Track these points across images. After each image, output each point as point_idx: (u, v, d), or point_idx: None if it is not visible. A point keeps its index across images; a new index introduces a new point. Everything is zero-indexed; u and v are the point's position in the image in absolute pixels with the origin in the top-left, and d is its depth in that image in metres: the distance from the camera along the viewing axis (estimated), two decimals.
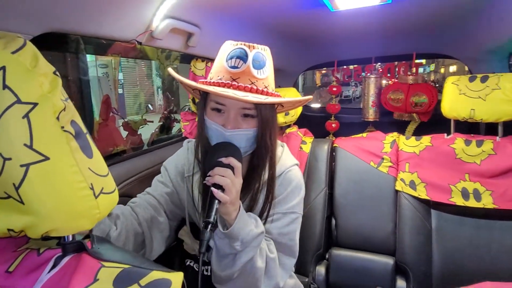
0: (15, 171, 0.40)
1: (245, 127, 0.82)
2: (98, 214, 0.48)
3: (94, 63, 5.44)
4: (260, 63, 0.81)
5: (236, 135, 0.81)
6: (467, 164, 1.33)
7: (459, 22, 1.52)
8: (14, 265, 0.49)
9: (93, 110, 2.62)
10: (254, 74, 0.80)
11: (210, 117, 0.83)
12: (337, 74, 2.33)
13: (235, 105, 0.80)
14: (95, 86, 4.21)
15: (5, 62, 0.40)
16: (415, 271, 1.31)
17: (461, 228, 1.31)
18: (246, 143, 0.83)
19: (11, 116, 0.39)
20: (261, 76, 0.81)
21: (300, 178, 0.95)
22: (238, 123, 0.81)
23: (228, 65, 0.80)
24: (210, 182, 0.74)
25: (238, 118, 0.81)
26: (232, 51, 0.81)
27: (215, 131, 0.82)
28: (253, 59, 0.80)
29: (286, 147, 1.02)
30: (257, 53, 0.81)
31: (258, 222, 0.83)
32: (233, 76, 0.80)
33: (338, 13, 1.32)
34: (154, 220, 0.90)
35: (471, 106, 1.32)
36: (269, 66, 0.84)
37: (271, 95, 0.83)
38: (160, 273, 0.46)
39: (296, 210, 0.92)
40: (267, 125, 0.84)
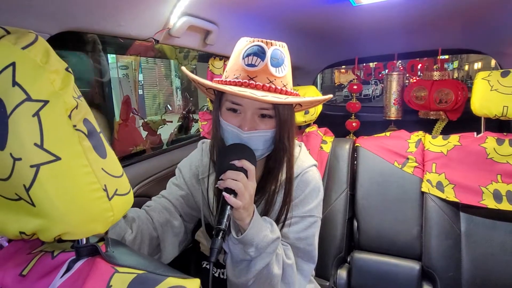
0: (25, 172, 0.38)
1: (263, 128, 0.78)
2: (112, 217, 0.46)
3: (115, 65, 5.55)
4: (278, 60, 0.77)
5: (253, 137, 0.77)
6: (499, 164, 1.25)
7: (487, 14, 1.43)
8: (27, 269, 0.48)
9: (114, 111, 2.67)
10: (273, 72, 0.76)
11: (225, 117, 0.80)
12: (357, 71, 2.27)
13: (252, 105, 0.76)
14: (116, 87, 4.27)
15: (15, 58, 0.38)
16: (443, 277, 1.24)
17: (493, 232, 1.23)
18: (263, 144, 0.80)
19: (21, 114, 0.38)
20: (279, 74, 0.77)
21: (319, 179, 0.91)
22: (255, 124, 0.77)
23: (244, 63, 0.76)
24: (221, 186, 0.71)
25: (255, 118, 0.78)
26: (249, 48, 0.77)
27: (231, 132, 0.79)
28: (271, 57, 0.76)
29: (303, 147, 0.97)
30: (275, 50, 0.77)
31: (273, 226, 0.79)
32: (250, 75, 0.76)
33: (360, 7, 1.28)
34: (169, 224, 0.88)
35: (503, 102, 1.24)
36: (287, 63, 0.80)
37: (290, 94, 0.79)
38: (176, 279, 0.43)
39: (314, 213, 0.87)
40: (285, 126, 0.80)
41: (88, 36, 1.50)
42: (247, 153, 0.75)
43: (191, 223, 0.97)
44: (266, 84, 0.75)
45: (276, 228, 0.79)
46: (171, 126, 2.34)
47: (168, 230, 0.88)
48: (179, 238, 0.92)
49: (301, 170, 0.88)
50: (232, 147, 0.77)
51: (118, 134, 1.93)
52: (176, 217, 0.91)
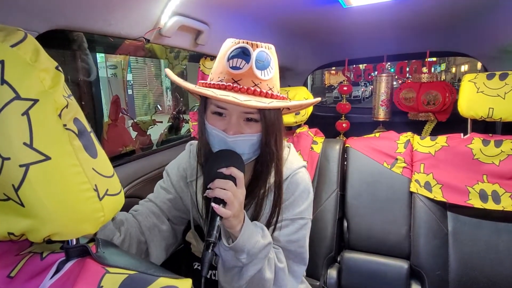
0: (14, 172, 0.38)
1: (248, 132, 0.76)
2: (102, 217, 0.45)
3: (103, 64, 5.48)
4: (264, 63, 0.74)
5: (238, 141, 0.75)
6: (485, 165, 1.28)
7: (475, 18, 1.47)
8: (16, 270, 0.47)
9: (102, 111, 2.64)
10: (258, 75, 0.74)
11: (210, 121, 0.77)
12: (347, 73, 2.29)
13: (237, 109, 0.74)
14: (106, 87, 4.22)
15: (3, 56, 0.37)
16: (431, 275, 1.27)
17: (479, 231, 1.26)
18: (250, 149, 0.78)
19: (10, 113, 0.37)
20: (265, 77, 0.74)
21: (308, 181, 0.90)
22: (240, 128, 0.75)
23: (229, 65, 0.74)
24: (210, 195, 0.69)
25: (241, 122, 0.76)
26: (233, 50, 0.75)
27: (216, 136, 0.77)
28: (256, 59, 0.73)
29: (292, 148, 0.95)
30: (260, 52, 0.75)
31: (265, 232, 0.77)
32: (234, 78, 0.73)
33: (351, 9, 1.29)
34: (156, 228, 0.87)
35: (489, 104, 1.26)
36: (274, 65, 0.78)
37: (276, 97, 0.77)
38: (167, 280, 0.43)
39: (305, 215, 0.86)
40: (272, 129, 0.77)
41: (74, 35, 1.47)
42: (235, 160, 0.73)
43: (180, 225, 0.96)
44: (251, 88, 0.73)
45: (268, 233, 0.78)
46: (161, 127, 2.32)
47: (156, 234, 0.86)
48: (168, 242, 0.90)
49: (291, 172, 0.87)
50: (220, 154, 0.75)
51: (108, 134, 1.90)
52: (163, 221, 0.89)
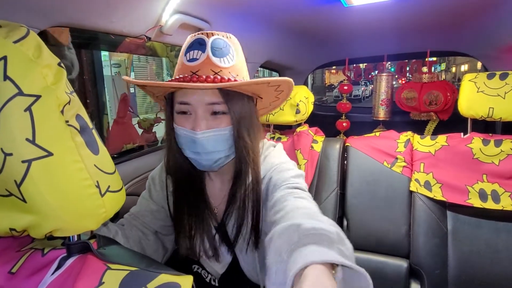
0: (16, 167, 0.38)
1: (217, 127, 0.70)
2: (104, 214, 0.45)
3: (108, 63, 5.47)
4: (222, 50, 0.70)
5: (208, 137, 0.69)
6: (484, 164, 1.28)
7: (475, 18, 1.47)
8: (17, 266, 0.47)
9: (103, 108, 2.65)
10: (216, 62, 0.69)
11: (178, 122, 0.72)
12: (347, 72, 2.29)
13: (200, 102, 0.69)
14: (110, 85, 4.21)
15: (6, 52, 0.38)
16: (430, 274, 1.27)
17: (479, 230, 1.26)
18: (223, 145, 0.72)
19: (13, 109, 0.37)
20: (225, 65, 0.69)
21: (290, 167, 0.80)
22: (208, 123, 0.70)
23: (186, 59, 0.70)
24: None
25: (208, 117, 0.70)
26: (189, 43, 0.72)
27: (184, 137, 0.71)
28: (212, 47, 0.69)
29: (279, 147, 0.88)
30: (216, 39, 0.70)
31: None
32: (192, 70, 0.69)
33: (352, 8, 1.29)
34: (143, 242, 0.83)
35: (489, 104, 1.26)
36: (235, 54, 0.73)
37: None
38: (169, 276, 0.43)
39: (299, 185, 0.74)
40: (243, 121, 0.72)
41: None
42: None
43: (170, 235, 0.91)
44: (211, 76, 0.68)
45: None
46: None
47: (143, 249, 0.83)
48: (158, 254, 0.87)
49: (271, 166, 0.79)
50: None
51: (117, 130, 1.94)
52: (148, 235, 0.85)
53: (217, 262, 0.84)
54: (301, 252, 0.43)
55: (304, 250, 0.43)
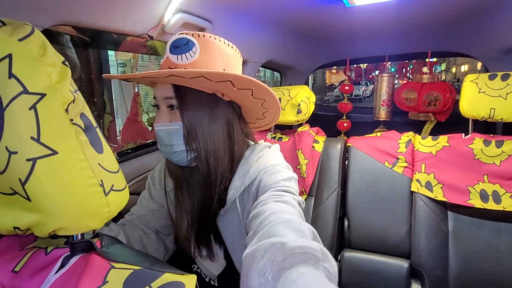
0: (21, 166, 0.38)
1: (169, 121, 0.71)
2: (108, 213, 0.45)
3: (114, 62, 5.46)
4: (181, 48, 0.69)
5: (160, 131, 0.72)
6: (486, 165, 1.28)
7: (477, 19, 1.47)
8: (20, 265, 0.47)
9: (113, 106, 2.69)
10: (173, 60, 0.69)
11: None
12: (348, 73, 2.29)
13: (160, 95, 0.72)
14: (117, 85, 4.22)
15: (11, 49, 0.37)
16: (431, 275, 1.27)
17: (480, 231, 1.26)
18: (176, 140, 0.71)
19: (18, 107, 0.37)
20: (182, 62, 0.69)
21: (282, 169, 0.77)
22: (165, 117, 0.72)
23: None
24: None
25: (166, 111, 0.72)
26: None
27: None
28: (171, 46, 0.70)
29: (274, 148, 0.85)
30: (178, 39, 0.70)
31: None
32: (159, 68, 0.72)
33: (354, 8, 1.29)
34: (144, 241, 0.84)
35: (491, 105, 1.27)
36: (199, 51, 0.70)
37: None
38: (173, 275, 0.43)
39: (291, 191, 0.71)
40: (197, 119, 0.70)
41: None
42: None
43: (171, 234, 0.91)
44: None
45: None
46: None
47: (145, 249, 0.84)
48: (159, 254, 0.88)
49: (263, 168, 0.76)
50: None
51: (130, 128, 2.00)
52: (149, 234, 0.86)
53: (212, 262, 0.84)
54: (288, 276, 0.41)
55: (292, 273, 0.42)
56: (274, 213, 0.57)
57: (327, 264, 0.45)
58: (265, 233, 0.51)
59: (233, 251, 0.79)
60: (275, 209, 0.59)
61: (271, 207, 0.60)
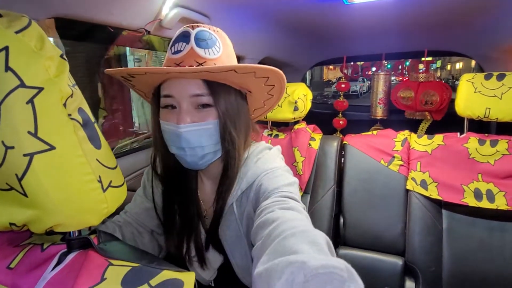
0: (18, 161, 0.37)
1: (202, 120, 0.66)
2: (106, 209, 0.45)
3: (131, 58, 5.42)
4: (207, 41, 0.66)
5: (191, 131, 0.65)
6: (480, 164, 1.30)
7: (473, 19, 1.47)
8: (15, 261, 0.46)
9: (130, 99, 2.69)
10: (200, 54, 0.65)
11: (163, 117, 0.69)
12: (345, 70, 2.29)
13: (184, 94, 0.65)
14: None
15: (8, 42, 0.36)
16: (425, 272, 1.28)
17: (473, 229, 1.28)
18: (208, 140, 0.68)
19: (14, 101, 0.36)
20: (211, 56, 0.66)
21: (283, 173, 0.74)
22: (193, 117, 0.66)
23: (171, 52, 0.68)
24: None
25: (192, 110, 0.67)
26: (175, 37, 0.69)
27: (169, 132, 0.67)
28: (196, 38, 0.66)
29: (275, 151, 0.81)
30: (201, 31, 0.67)
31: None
32: (176, 61, 0.66)
33: (352, 6, 1.28)
34: (138, 240, 0.82)
35: (486, 104, 1.27)
36: (221, 46, 0.69)
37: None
38: (171, 272, 0.43)
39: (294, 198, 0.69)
40: (230, 116, 0.68)
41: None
42: None
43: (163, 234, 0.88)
44: (194, 66, 0.64)
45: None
46: None
47: (138, 246, 0.81)
48: (156, 250, 0.86)
49: (262, 171, 0.72)
50: None
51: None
52: (143, 235, 0.83)
53: (203, 269, 0.80)
54: None
55: None
56: (283, 222, 0.52)
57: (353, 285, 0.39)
58: (278, 249, 0.45)
59: (232, 255, 0.76)
60: (284, 218, 0.54)
61: (279, 216, 0.55)
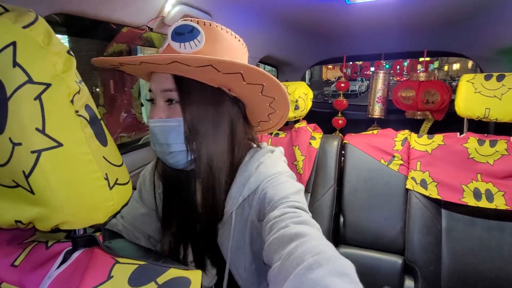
0: (25, 158, 0.36)
1: (167, 116, 0.63)
2: (112, 207, 0.44)
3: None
4: (184, 35, 0.62)
5: (156, 127, 0.63)
6: (479, 164, 1.30)
7: (471, 20, 1.48)
8: (20, 259, 0.45)
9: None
10: (175, 48, 0.62)
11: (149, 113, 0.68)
12: (344, 70, 2.29)
13: (157, 87, 0.64)
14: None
15: (15, 37, 0.36)
16: (424, 271, 1.29)
17: (472, 228, 1.29)
18: (174, 138, 0.64)
19: (22, 97, 0.35)
20: (186, 50, 0.62)
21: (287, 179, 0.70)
22: (163, 112, 0.64)
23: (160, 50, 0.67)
24: None
25: (164, 105, 0.64)
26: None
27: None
28: (173, 32, 0.63)
29: (277, 153, 0.76)
30: (181, 25, 0.63)
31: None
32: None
33: (354, 5, 1.28)
34: None
35: (486, 105, 1.28)
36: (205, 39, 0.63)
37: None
38: (178, 271, 0.43)
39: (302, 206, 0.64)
40: (200, 115, 0.63)
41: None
42: None
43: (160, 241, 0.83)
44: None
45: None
46: None
47: None
48: None
49: (265, 177, 0.68)
50: None
51: None
52: (140, 241, 0.80)
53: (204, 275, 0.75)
54: None
55: None
56: (303, 243, 0.47)
57: None
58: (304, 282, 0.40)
59: (233, 265, 0.71)
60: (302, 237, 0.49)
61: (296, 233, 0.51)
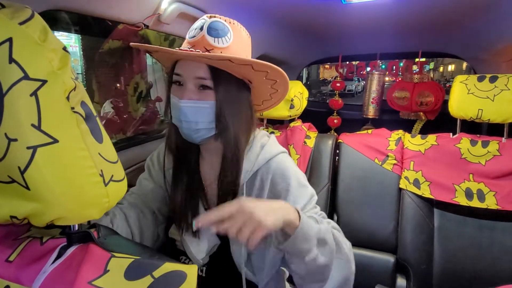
0: (21, 154, 0.36)
1: (201, 99, 0.74)
2: (107, 203, 0.45)
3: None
4: (218, 31, 0.73)
5: (189, 107, 0.73)
6: (471, 164, 1.32)
7: (466, 21, 1.49)
8: (14, 254, 0.46)
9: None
10: (210, 41, 0.73)
11: (172, 91, 0.77)
12: (340, 69, 2.31)
13: (191, 74, 0.74)
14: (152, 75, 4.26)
15: (12, 33, 0.36)
16: (416, 269, 1.30)
17: (464, 228, 1.30)
18: (203, 118, 0.75)
19: (18, 93, 0.36)
20: (219, 45, 0.73)
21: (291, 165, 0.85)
22: (193, 95, 0.74)
23: (188, 36, 0.76)
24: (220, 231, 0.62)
25: (195, 90, 0.74)
26: (194, 24, 0.77)
27: (173, 105, 0.76)
28: (209, 27, 0.73)
29: (273, 137, 0.90)
30: (215, 22, 0.74)
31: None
32: (189, 44, 0.75)
33: (350, 5, 1.29)
34: (141, 221, 0.86)
35: (479, 106, 1.30)
36: (232, 38, 0.75)
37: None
38: (174, 265, 0.43)
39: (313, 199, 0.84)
40: (227, 101, 0.75)
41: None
42: None
43: (163, 223, 0.94)
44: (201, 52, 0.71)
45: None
46: None
47: (142, 227, 0.85)
48: (153, 237, 0.89)
49: (271, 155, 0.82)
50: None
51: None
52: (147, 216, 0.88)
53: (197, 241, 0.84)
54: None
55: None
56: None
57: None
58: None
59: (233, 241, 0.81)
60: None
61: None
